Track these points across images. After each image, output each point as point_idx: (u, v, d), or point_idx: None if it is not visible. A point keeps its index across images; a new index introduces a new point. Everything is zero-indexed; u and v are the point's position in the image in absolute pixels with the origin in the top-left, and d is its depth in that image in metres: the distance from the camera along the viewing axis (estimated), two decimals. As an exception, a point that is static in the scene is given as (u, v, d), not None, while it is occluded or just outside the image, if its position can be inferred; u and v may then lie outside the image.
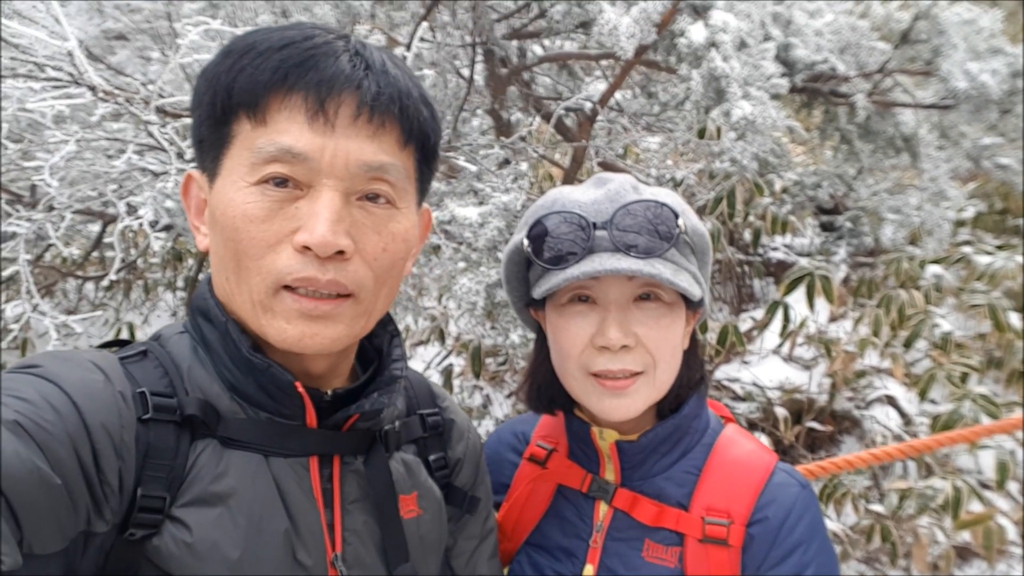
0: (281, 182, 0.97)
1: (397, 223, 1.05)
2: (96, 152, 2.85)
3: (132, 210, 2.75)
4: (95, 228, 4.25)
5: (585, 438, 1.41)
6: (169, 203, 2.79)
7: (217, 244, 1.02)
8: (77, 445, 0.88)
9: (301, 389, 1.03)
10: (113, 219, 3.44)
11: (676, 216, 1.26)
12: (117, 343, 1.11)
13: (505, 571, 1.44)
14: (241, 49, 0.99)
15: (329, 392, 1.09)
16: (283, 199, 0.98)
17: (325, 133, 0.97)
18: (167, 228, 3.18)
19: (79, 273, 4.55)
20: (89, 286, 5.28)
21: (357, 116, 0.99)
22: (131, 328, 4.60)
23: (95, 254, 4.59)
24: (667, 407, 1.38)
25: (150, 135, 2.53)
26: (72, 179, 2.90)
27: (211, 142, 1.02)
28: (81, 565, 0.90)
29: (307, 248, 0.96)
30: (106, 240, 4.21)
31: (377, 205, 1.03)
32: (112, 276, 2.68)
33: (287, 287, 0.98)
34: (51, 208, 2.84)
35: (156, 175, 2.78)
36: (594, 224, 1.26)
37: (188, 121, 2.65)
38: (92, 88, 2.45)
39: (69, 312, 4.56)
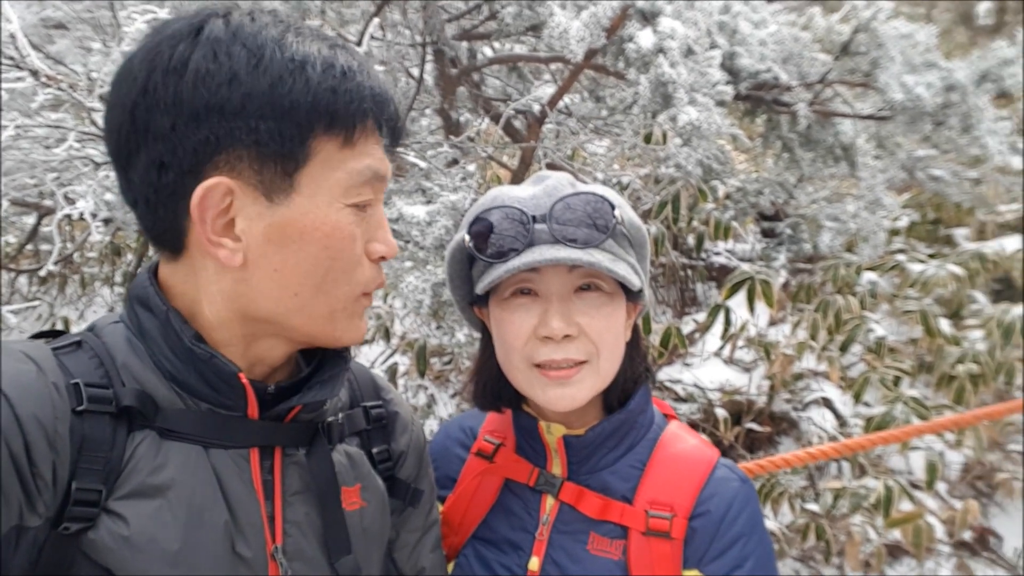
0: None
1: None
2: (33, 141, 2.77)
3: (71, 201, 2.67)
4: (30, 220, 4.12)
5: (532, 433, 1.42)
6: (109, 195, 2.72)
7: (295, 261, 1.01)
8: (8, 437, 0.86)
9: (245, 380, 1.02)
10: (49, 211, 3.34)
11: (613, 208, 1.29)
12: (50, 334, 1.08)
13: (451, 564, 1.44)
14: (313, 62, 0.98)
15: (272, 386, 1.08)
16: (363, 216, 1.05)
17: (386, 155, 1.08)
18: (106, 221, 3.09)
19: (12, 266, 4.40)
20: (22, 279, 5.12)
21: None
22: (66, 323, 4.45)
23: (29, 247, 4.45)
24: (613, 402, 1.40)
25: (93, 123, 2.45)
26: (7, 168, 2.81)
27: (283, 156, 0.98)
28: (14, 560, 0.89)
29: (383, 258, 1.09)
30: (42, 232, 4.09)
31: None
32: (50, 267, 2.60)
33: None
34: (-14, 196, 2.75)
35: (98, 165, 2.71)
36: (533, 217, 1.28)
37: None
38: (34, 73, 2.36)
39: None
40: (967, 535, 4.24)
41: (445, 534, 1.44)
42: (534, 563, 1.35)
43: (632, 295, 1.36)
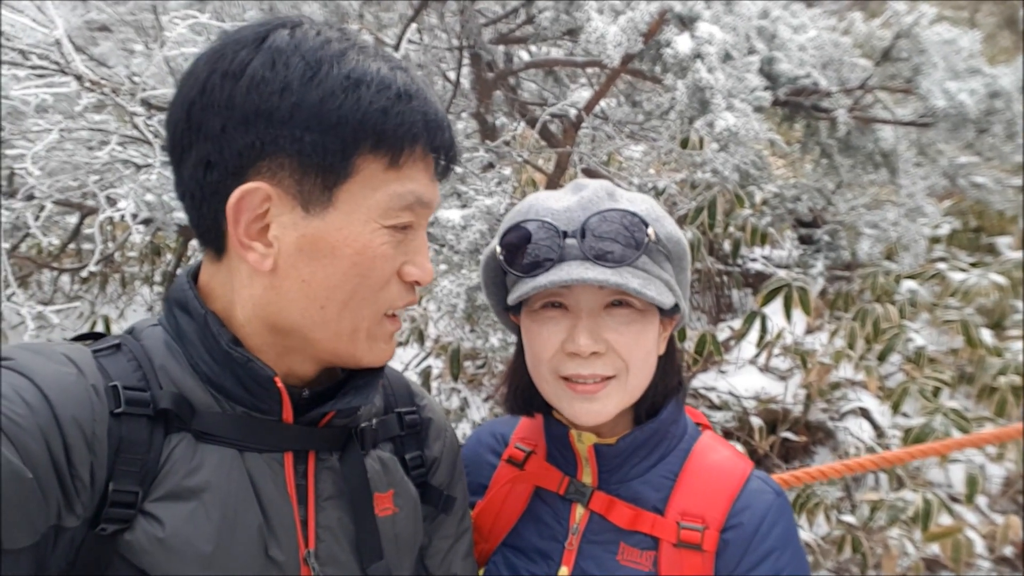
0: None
1: None
2: (77, 143, 2.83)
3: (112, 202, 2.72)
4: (72, 220, 4.21)
5: (563, 441, 1.41)
6: (149, 196, 2.77)
7: (324, 274, 1.01)
8: (48, 439, 0.87)
9: (280, 384, 1.03)
10: (91, 211, 3.41)
11: (646, 225, 1.27)
12: (90, 336, 1.10)
13: (481, 571, 1.44)
14: (368, 81, 0.98)
15: (307, 391, 1.09)
16: (401, 239, 1.05)
17: (436, 181, 1.09)
18: (146, 222, 3.15)
19: (55, 265, 4.50)
20: (64, 278, 5.23)
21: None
22: (106, 321, 4.54)
23: (71, 246, 4.54)
24: (644, 412, 1.39)
25: (135, 127, 2.50)
26: (51, 169, 2.88)
27: (324, 169, 0.98)
28: (51, 560, 0.90)
29: (417, 282, 1.09)
30: (84, 232, 4.17)
31: None
32: (92, 267, 2.65)
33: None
34: (31, 197, 2.81)
35: (139, 167, 2.76)
36: (564, 232, 1.26)
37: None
38: (78, 77, 2.41)
39: (44, 304, 4.50)
40: (1008, 550, 4.15)
41: (475, 540, 1.44)
42: (563, 572, 1.34)
43: (666, 310, 1.34)
